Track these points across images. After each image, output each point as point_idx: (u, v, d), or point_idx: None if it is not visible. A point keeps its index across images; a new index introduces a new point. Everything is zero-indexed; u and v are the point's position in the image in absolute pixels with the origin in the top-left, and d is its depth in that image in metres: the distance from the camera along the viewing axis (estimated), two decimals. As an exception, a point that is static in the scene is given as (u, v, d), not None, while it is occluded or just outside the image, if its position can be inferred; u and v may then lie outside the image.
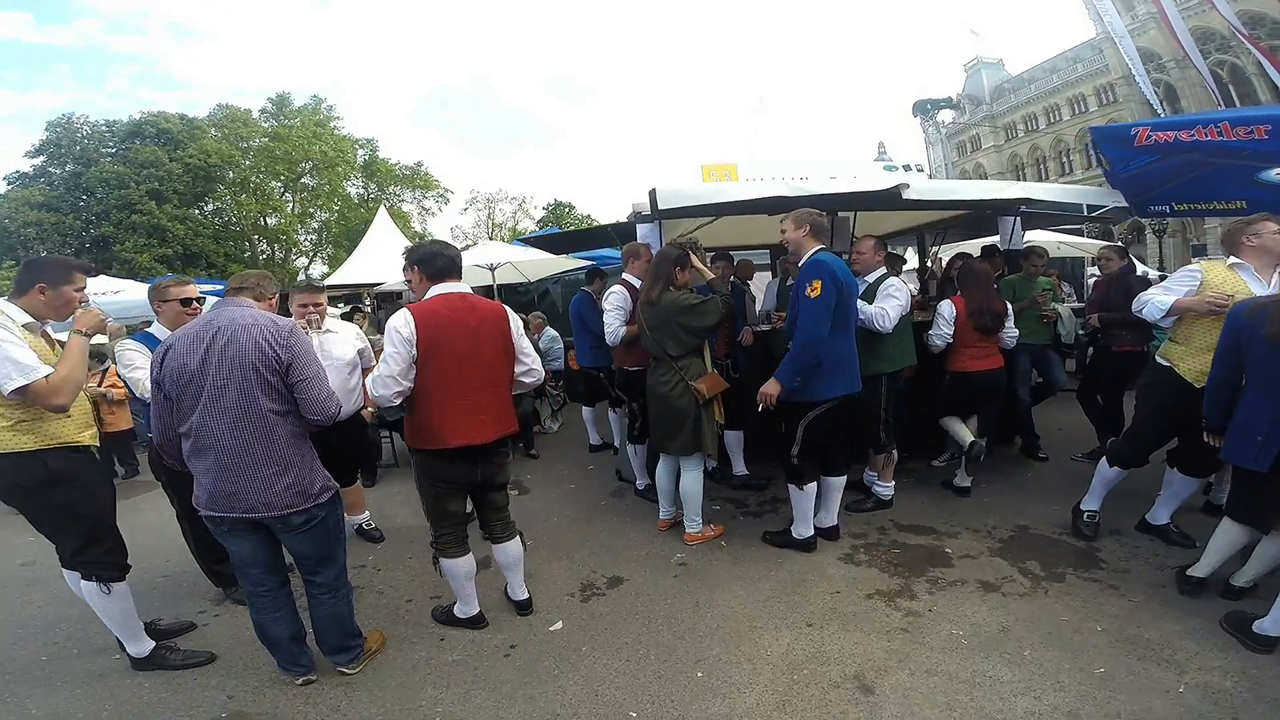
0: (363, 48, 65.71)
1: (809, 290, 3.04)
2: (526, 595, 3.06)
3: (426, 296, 2.62)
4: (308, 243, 31.24)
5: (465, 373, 2.57)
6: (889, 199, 3.93)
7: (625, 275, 4.09)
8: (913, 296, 4.21)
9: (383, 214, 12.82)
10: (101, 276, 8.92)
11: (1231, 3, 17.87)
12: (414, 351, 2.49)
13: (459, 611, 2.93)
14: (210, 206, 28.38)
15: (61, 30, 47.85)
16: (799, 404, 3.24)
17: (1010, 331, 4.14)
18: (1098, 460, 3.64)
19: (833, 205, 4.16)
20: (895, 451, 4.06)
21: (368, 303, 11.38)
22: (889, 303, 3.68)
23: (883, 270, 3.90)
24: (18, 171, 25.37)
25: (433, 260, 2.64)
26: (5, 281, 15.43)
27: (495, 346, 2.65)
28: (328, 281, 11.44)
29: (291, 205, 30.08)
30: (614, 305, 3.89)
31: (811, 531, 3.53)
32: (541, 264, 8.83)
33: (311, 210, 30.31)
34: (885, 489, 4.12)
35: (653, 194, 3.73)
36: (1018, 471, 4.80)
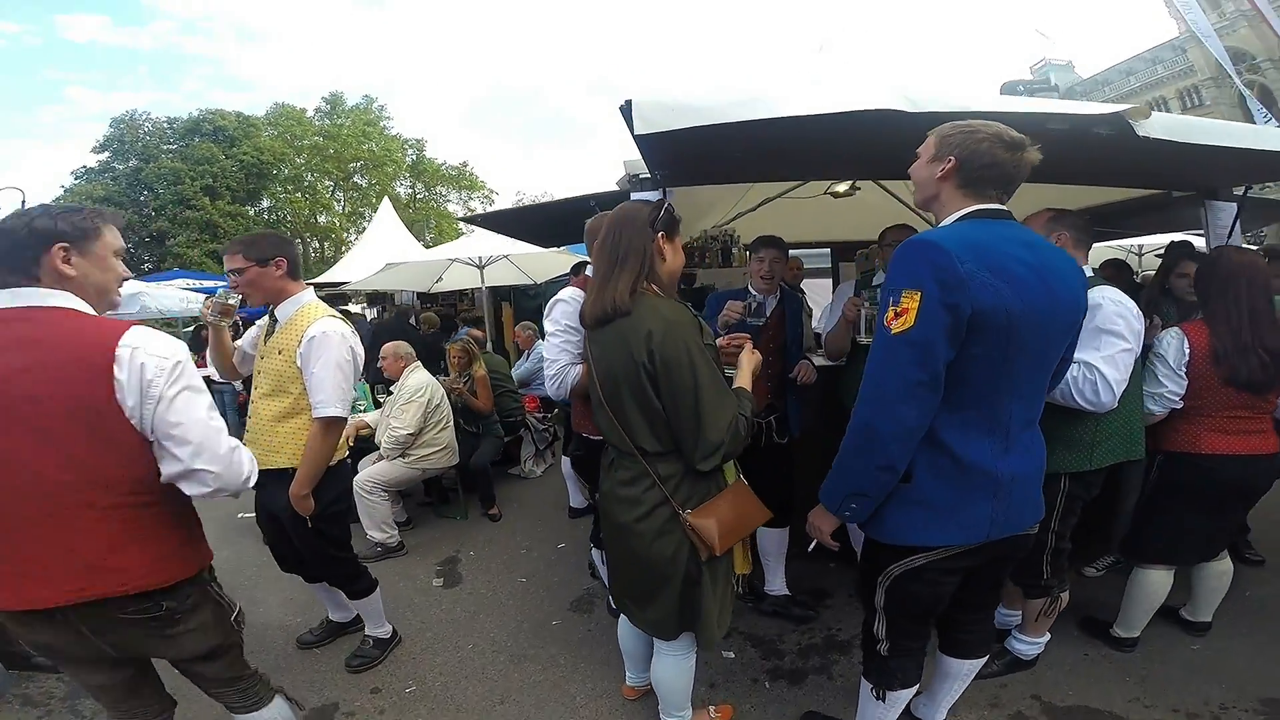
0: (415, 47, 65.52)
1: (889, 313, 1.37)
2: None
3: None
4: (357, 241, 30.95)
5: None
6: (1099, 142, 2.00)
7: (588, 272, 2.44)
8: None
9: (386, 207, 11.64)
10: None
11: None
12: None
13: None
14: (265, 204, 28.69)
15: (138, 32, 48.81)
16: (877, 548, 1.56)
17: None
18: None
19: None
20: (1065, 594, 2.31)
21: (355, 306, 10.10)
22: (1109, 347, 1.93)
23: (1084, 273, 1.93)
24: (84, 166, 26.00)
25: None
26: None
27: (42, 434, 1.23)
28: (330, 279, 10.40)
29: (342, 204, 30.03)
30: (556, 327, 2.27)
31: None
32: (549, 260, 7.31)
33: (362, 210, 30.20)
34: (1030, 645, 2.39)
35: (627, 109, 2.03)
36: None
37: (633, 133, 2.02)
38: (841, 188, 4.43)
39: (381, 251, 9.03)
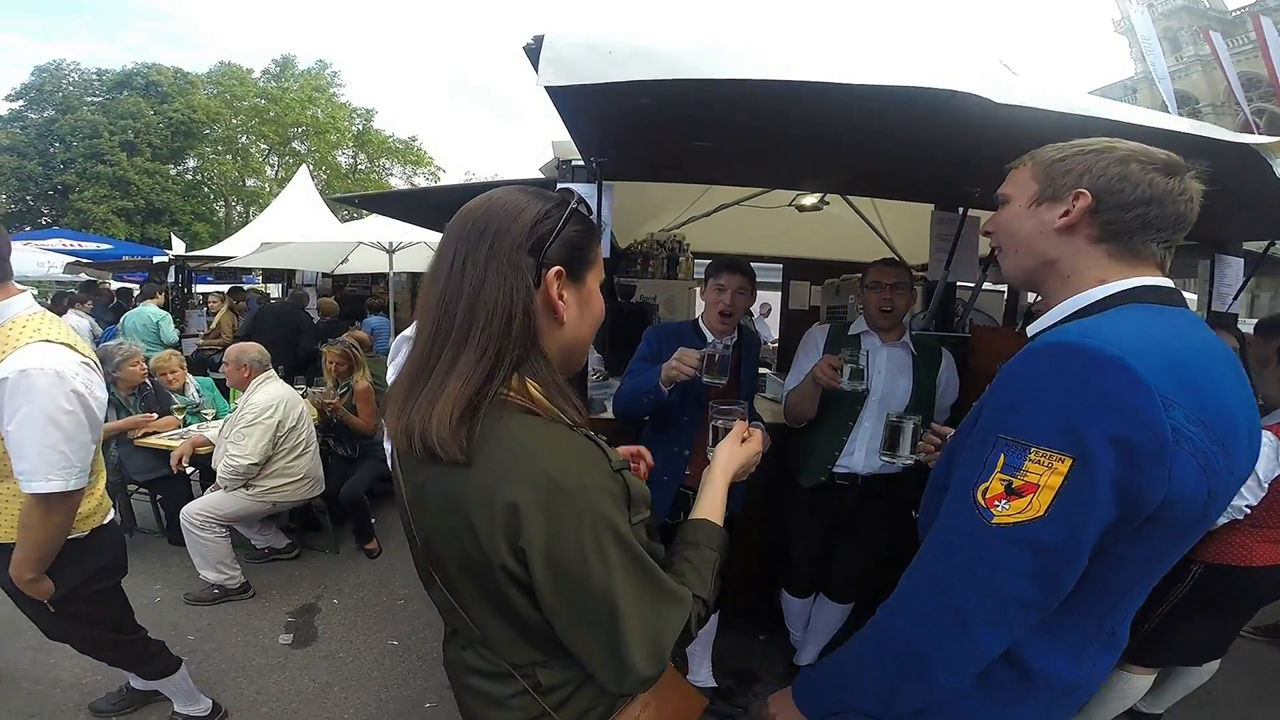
0: (383, 16, 62.49)
1: (991, 483, 0.78)
2: None
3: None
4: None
5: None
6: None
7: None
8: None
9: (302, 175, 10.55)
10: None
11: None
12: None
13: None
14: (190, 164, 27.20)
15: (81, -24, 44.87)
16: None
17: None
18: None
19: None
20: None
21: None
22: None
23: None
24: (-6, 115, 24.04)
25: None
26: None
27: None
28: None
29: (275, 169, 28.49)
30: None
31: None
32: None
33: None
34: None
35: (535, 47, 1.40)
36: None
37: (541, 84, 1.44)
38: (809, 200, 3.96)
39: (286, 225, 8.04)
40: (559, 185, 2.32)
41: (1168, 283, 0.85)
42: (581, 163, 2.25)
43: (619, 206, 3.88)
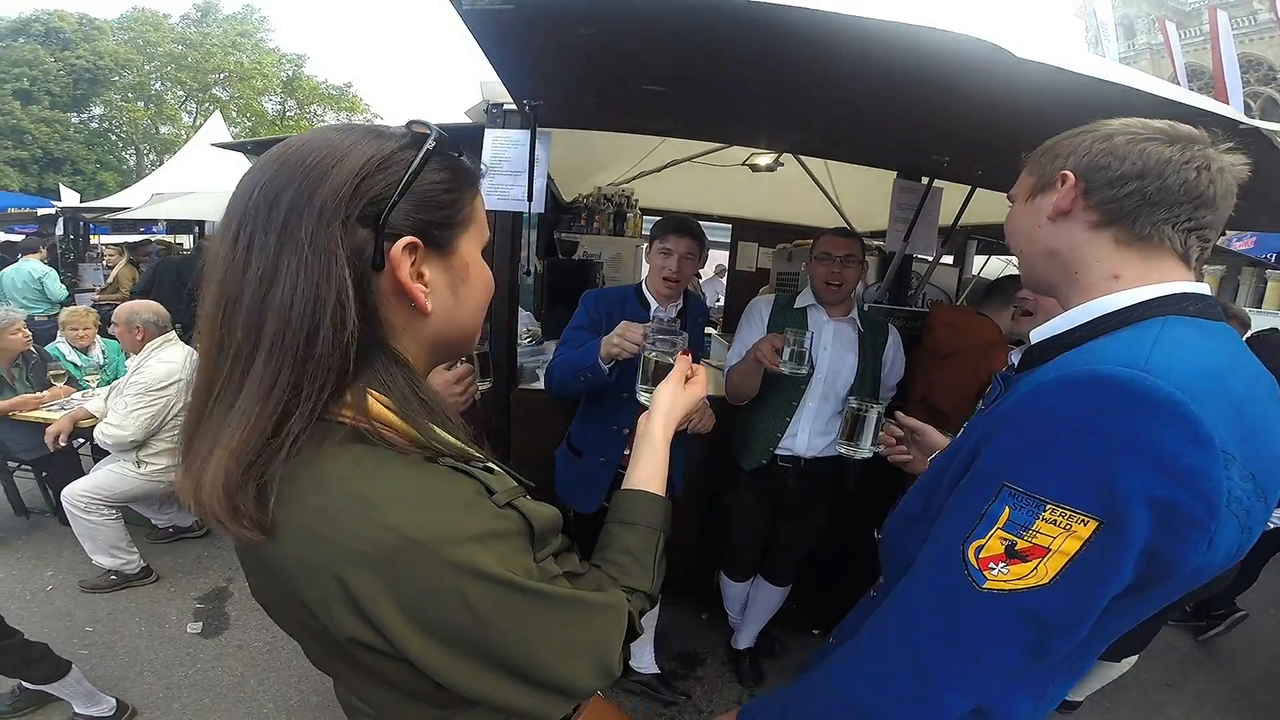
0: None
1: (990, 539, 0.64)
2: None
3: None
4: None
5: None
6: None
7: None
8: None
9: (215, 121, 9.64)
10: None
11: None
12: None
13: None
14: (96, 111, 25.35)
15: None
16: None
17: None
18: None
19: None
20: None
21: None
22: None
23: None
24: None
25: None
26: None
27: None
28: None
29: (193, 117, 26.64)
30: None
31: None
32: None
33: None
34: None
35: None
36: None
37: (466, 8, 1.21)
38: (764, 160, 3.81)
39: (193, 174, 7.35)
40: (486, 131, 2.09)
41: (1205, 289, 0.71)
42: (515, 107, 2.02)
43: (562, 157, 3.65)
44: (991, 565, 0.63)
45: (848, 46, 1.22)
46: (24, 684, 2.05)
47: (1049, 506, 0.60)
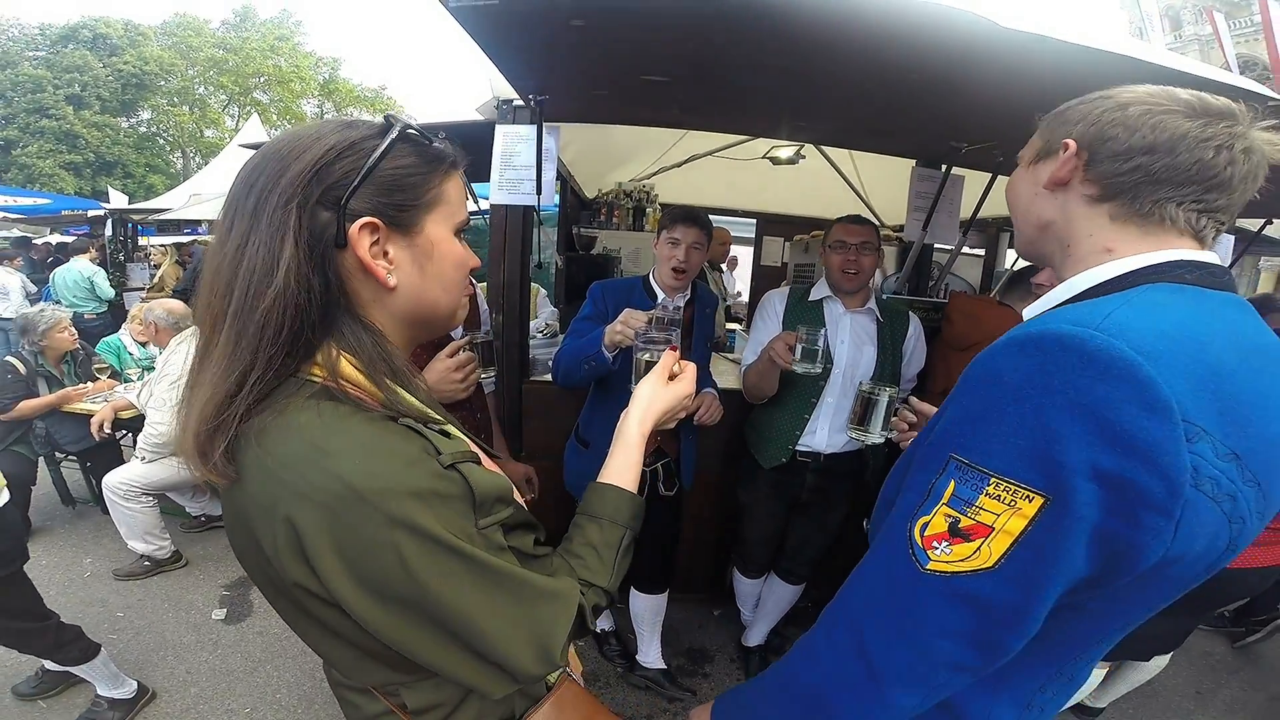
0: None
1: (933, 516, 0.61)
2: None
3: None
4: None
5: None
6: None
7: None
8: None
9: (253, 124, 9.87)
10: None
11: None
12: None
13: None
14: (144, 116, 26.22)
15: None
16: None
17: None
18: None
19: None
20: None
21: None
22: None
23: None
24: (-80, 75, 22.76)
25: None
26: None
27: None
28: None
29: (235, 120, 27.53)
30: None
31: None
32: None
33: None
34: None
35: None
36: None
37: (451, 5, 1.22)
38: (785, 153, 3.75)
39: (234, 174, 7.49)
40: (496, 127, 2.10)
41: (1212, 257, 0.64)
42: (522, 102, 2.03)
43: (583, 153, 3.67)
44: (935, 544, 0.59)
45: (841, 27, 1.20)
46: (46, 666, 2.14)
47: (992, 480, 0.56)
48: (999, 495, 0.56)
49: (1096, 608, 0.62)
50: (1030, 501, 0.54)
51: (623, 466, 0.82)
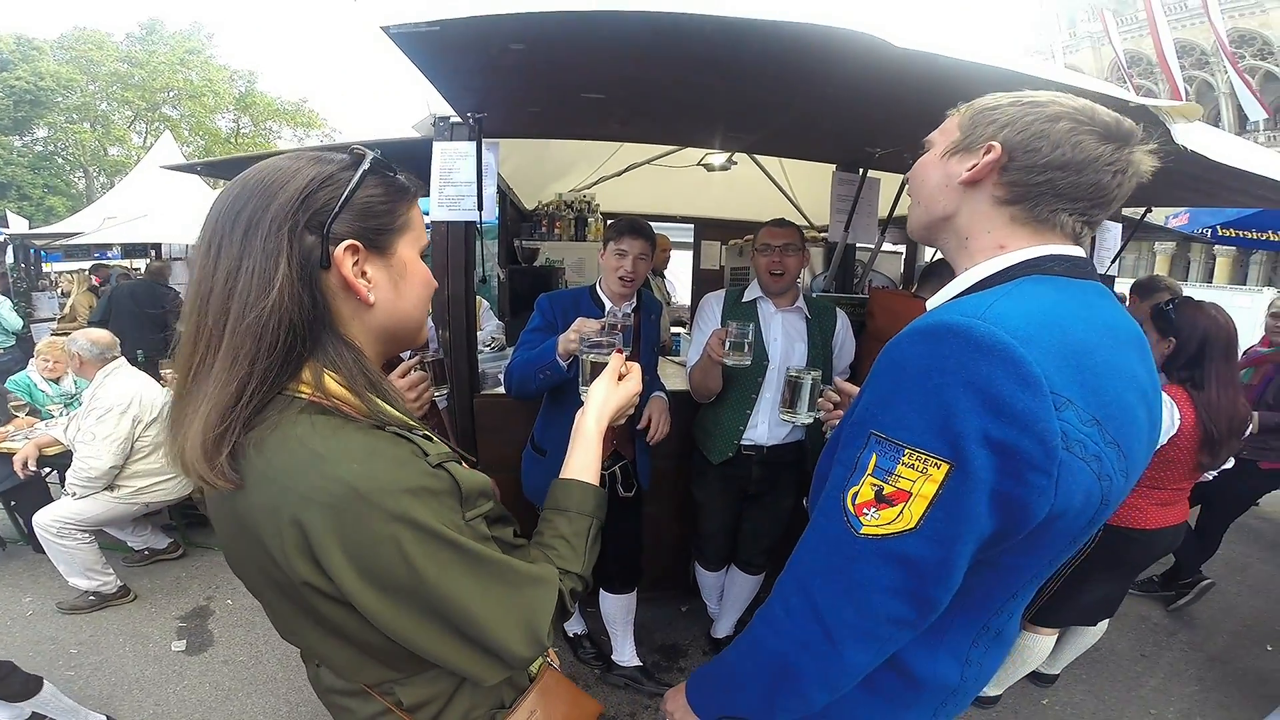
0: None
1: (861, 486, 0.70)
2: None
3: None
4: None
5: None
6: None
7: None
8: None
9: (165, 142, 9.44)
10: None
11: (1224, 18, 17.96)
12: None
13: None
14: (40, 134, 24.56)
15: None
16: None
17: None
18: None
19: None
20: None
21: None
22: None
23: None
24: None
25: None
26: None
27: None
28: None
29: (143, 137, 26.00)
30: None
31: None
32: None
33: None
34: None
35: None
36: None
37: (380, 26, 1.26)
38: (718, 160, 3.91)
39: (146, 196, 7.20)
40: (434, 144, 2.14)
41: (1079, 252, 0.75)
42: (460, 120, 2.08)
43: (520, 166, 3.73)
44: (865, 511, 0.69)
45: (760, 48, 1.32)
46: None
47: (906, 450, 0.66)
48: (913, 464, 0.65)
49: (1008, 561, 0.73)
50: (939, 468, 0.64)
51: (584, 462, 0.89)
